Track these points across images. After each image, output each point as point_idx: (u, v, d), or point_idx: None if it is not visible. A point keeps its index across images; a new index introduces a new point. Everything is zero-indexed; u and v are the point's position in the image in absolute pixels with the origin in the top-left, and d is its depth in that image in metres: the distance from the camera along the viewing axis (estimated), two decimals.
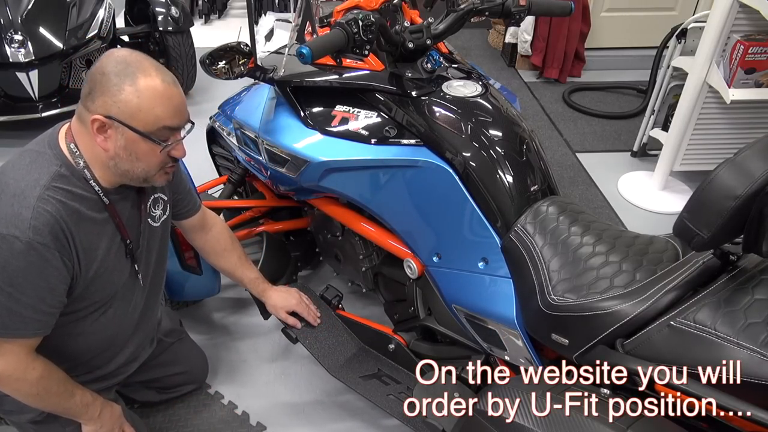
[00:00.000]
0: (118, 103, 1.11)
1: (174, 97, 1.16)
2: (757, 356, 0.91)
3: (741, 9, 2.27)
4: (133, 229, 1.33)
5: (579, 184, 2.91)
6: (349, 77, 1.54)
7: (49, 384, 1.24)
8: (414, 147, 1.44)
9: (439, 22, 1.50)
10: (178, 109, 1.17)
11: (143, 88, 1.11)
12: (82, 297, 1.25)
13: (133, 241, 1.31)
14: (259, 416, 1.77)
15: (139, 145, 1.15)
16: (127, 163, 1.18)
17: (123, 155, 1.16)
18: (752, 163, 0.91)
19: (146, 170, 1.21)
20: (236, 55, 1.80)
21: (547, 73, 3.87)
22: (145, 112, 1.12)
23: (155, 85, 1.12)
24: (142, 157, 1.17)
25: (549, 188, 1.43)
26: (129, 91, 1.10)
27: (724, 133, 2.65)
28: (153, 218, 1.39)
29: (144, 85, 1.11)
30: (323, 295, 1.82)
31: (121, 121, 1.12)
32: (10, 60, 2.77)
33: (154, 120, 1.13)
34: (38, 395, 1.23)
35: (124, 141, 1.14)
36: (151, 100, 1.12)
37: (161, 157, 1.20)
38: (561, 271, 1.23)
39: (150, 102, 1.12)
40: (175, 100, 1.16)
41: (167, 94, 1.14)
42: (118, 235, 1.27)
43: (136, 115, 1.12)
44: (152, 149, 1.17)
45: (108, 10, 3.17)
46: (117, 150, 1.16)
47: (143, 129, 1.13)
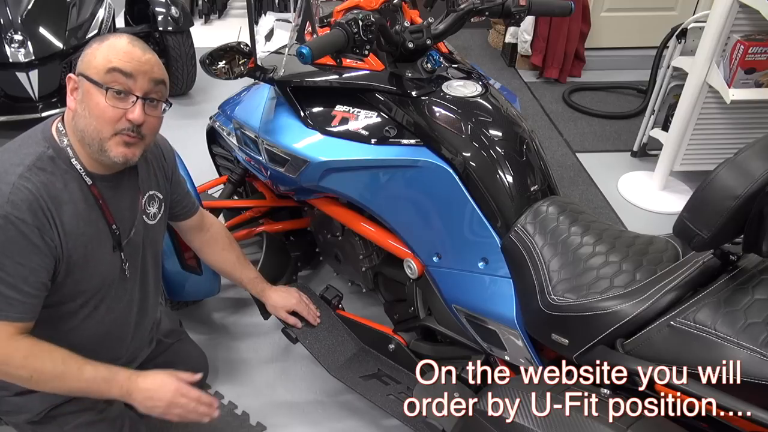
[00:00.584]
0: (83, 58, 1.16)
1: (135, 51, 1.16)
2: (757, 356, 0.91)
3: (741, 9, 2.27)
4: (125, 222, 1.30)
5: (579, 184, 2.91)
6: (349, 77, 1.54)
7: (41, 364, 1.16)
8: (414, 147, 1.44)
9: (439, 22, 1.50)
10: (135, 60, 1.16)
11: (106, 42, 1.16)
12: (66, 285, 1.22)
13: (121, 233, 1.29)
14: (259, 416, 1.77)
15: (92, 96, 1.15)
16: (83, 120, 1.17)
17: (80, 110, 1.17)
18: (752, 163, 0.91)
19: (98, 128, 1.16)
20: (236, 55, 1.80)
21: (547, 73, 3.87)
22: (99, 58, 1.15)
23: (119, 41, 1.17)
24: (93, 109, 1.15)
25: (549, 188, 1.43)
26: (95, 46, 1.16)
27: (724, 133, 2.65)
28: (148, 215, 1.38)
29: (109, 41, 1.17)
30: (323, 295, 1.82)
31: (82, 73, 1.16)
32: (10, 60, 2.77)
33: (104, 63, 1.14)
34: (32, 378, 1.17)
35: (82, 93, 1.16)
36: (108, 48, 1.16)
37: (112, 111, 1.15)
38: (561, 271, 1.23)
39: (106, 50, 1.15)
40: (134, 53, 1.16)
41: (127, 48, 1.16)
42: (103, 221, 1.25)
43: (91, 62, 1.15)
44: (102, 99, 1.14)
45: (108, 10, 3.17)
46: (77, 106, 1.17)
47: (95, 76, 1.15)
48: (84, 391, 1.23)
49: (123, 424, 1.47)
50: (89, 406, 1.40)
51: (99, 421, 1.41)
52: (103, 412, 1.42)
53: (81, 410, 1.39)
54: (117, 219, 1.28)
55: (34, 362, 1.16)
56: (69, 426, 1.37)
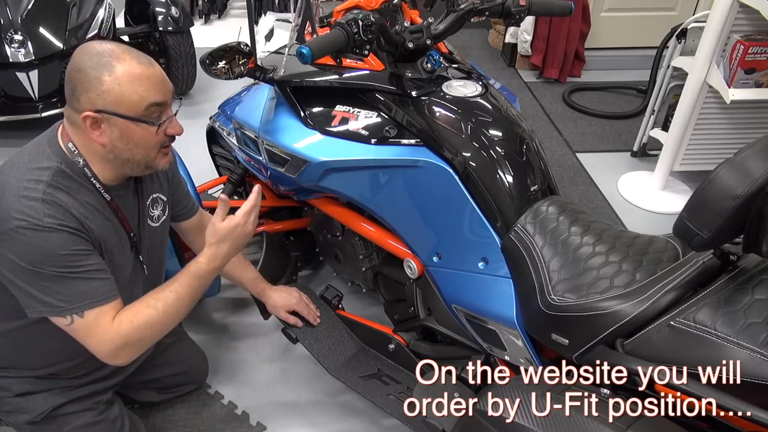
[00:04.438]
0: (102, 95, 1.12)
1: (152, 75, 1.17)
2: (757, 356, 0.91)
3: (741, 9, 2.27)
4: (134, 227, 1.34)
5: (579, 184, 2.91)
6: (349, 77, 1.54)
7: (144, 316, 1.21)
8: (414, 147, 1.44)
9: (439, 22, 1.50)
10: (159, 85, 1.18)
11: (121, 74, 1.13)
12: None
13: (136, 234, 1.33)
14: (259, 416, 1.77)
15: (133, 131, 1.17)
16: (126, 152, 1.19)
17: (120, 145, 1.18)
18: (752, 163, 0.91)
19: (146, 155, 1.22)
20: (236, 55, 1.80)
21: (547, 73, 3.87)
22: (129, 95, 1.14)
23: (131, 68, 1.14)
24: (139, 141, 1.19)
25: (549, 188, 1.43)
26: (108, 81, 1.12)
27: (724, 133, 2.65)
28: (152, 218, 1.40)
29: (121, 71, 1.13)
30: (323, 295, 1.82)
31: (110, 112, 1.14)
32: (10, 60, 2.77)
33: (139, 100, 1.15)
34: (150, 332, 1.22)
35: (118, 131, 1.16)
36: (132, 83, 1.13)
37: (158, 137, 1.21)
38: (561, 271, 1.23)
39: (131, 85, 1.13)
40: (153, 78, 1.17)
41: (145, 74, 1.15)
42: (121, 228, 1.29)
43: (122, 101, 1.14)
44: (147, 131, 1.18)
45: (108, 10, 3.17)
46: (113, 141, 1.17)
47: (132, 113, 1.15)
48: (193, 297, 1.28)
49: (123, 424, 1.47)
50: (90, 407, 1.40)
51: (99, 422, 1.42)
52: (103, 413, 1.43)
53: (81, 411, 1.39)
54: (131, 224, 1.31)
55: (140, 317, 1.21)
56: (69, 427, 1.37)
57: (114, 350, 1.19)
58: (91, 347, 1.20)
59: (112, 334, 1.18)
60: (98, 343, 1.18)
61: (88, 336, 1.18)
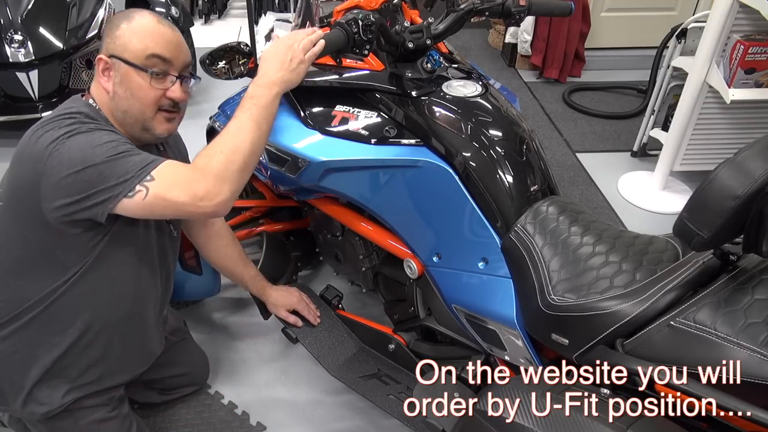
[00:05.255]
0: (114, 40, 1.20)
1: (165, 33, 1.23)
2: (757, 356, 0.91)
3: (741, 9, 2.27)
4: None
5: (579, 184, 2.91)
6: (349, 77, 1.54)
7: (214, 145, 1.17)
8: (414, 147, 1.44)
9: (439, 22, 1.50)
10: (170, 43, 1.23)
11: (136, 24, 1.21)
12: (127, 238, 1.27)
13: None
14: (259, 416, 1.77)
15: (132, 79, 1.20)
16: (125, 101, 1.22)
17: (120, 92, 1.22)
18: (752, 163, 0.91)
19: (141, 109, 1.23)
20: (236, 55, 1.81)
21: (547, 73, 3.87)
22: (135, 43, 1.19)
23: (147, 21, 1.21)
24: (136, 91, 1.21)
25: (549, 188, 1.43)
26: (123, 27, 1.20)
27: (724, 133, 2.65)
28: None
29: (138, 21, 1.21)
30: (323, 295, 1.82)
31: (116, 55, 1.19)
32: (10, 60, 2.77)
33: (143, 48, 1.20)
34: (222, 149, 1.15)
35: (120, 76, 1.21)
36: (142, 31, 1.20)
37: (154, 92, 1.22)
38: (561, 271, 1.23)
39: (140, 33, 1.20)
40: (165, 35, 1.22)
41: (158, 29, 1.22)
42: None
43: (128, 46, 1.19)
44: (144, 82, 1.21)
45: (108, 10, 3.17)
46: (115, 87, 1.22)
47: (133, 60, 1.19)
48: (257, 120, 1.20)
49: (132, 422, 1.48)
50: (104, 402, 1.41)
51: (112, 417, 1.43)
52: (116, 409, 1.44)
53: (97, 405, 1.40)
54: None
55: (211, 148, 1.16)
56: (84, 421, 1.38)
57: (202, 184, 1.12)
58: (180, 198, 1.11)
59: (191, 173, 1.13)
60: (185, 188, 1.11)
61: (170, 190, 1.11)
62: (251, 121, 1.19)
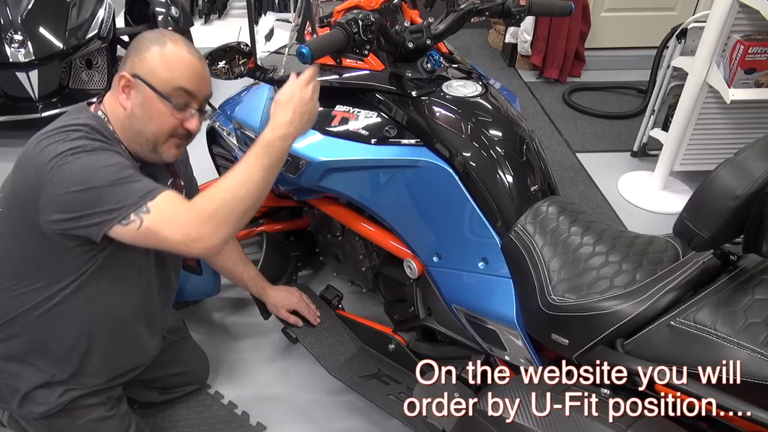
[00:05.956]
0: (143, 61, 1.19)
1: (195, 65, 1.23)
2: (757, 356, 0.91)
3: (741, 9, 2.27)
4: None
5: (579, 184, 2.91)
6: (349, 77, 1.54)
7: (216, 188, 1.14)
8: (414, 147, 1.44)
9: (439, 22, 1.50)
10: (197, 77, 1.24)
11: (168, 52, 1.20)
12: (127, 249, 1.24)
13: None
14: (259, 416, 1.77)
15: (154, 104, 1.21)
16: (140, 123, 1.23)
17: (138, 113, 1.22)
18: (752, 163, 0.91)
19: (156, 134, 1.24)
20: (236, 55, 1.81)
21: (547, 73, 3.87)
22: (165, 71, 1.19)
23: (179, 51, 1.21)
24: (155, 117, 1.22)
25: (549, 188, 1.43)
26: (155, 51, 1.19)
27: (724, 133, 2.65)
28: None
29: (170, 49, 1.20)
30: (323, 295, 1.82)
31: (142, 78, 1.19)
32: (10, 60, 2.76)
33: (171, 79, 1.20)
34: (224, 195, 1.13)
35: (142, 98, 1.21)
36: (173, 62, 1.20)
37: (173, 121, 1.24)
38: (561, 271, 1.23)
39: (171, 63, 1.20)
40: (195, 68, 1.23)
41: (190, 62, 1.22)
42: None
43: (156, 73, 1.19)
44: (165, 110, 1.22)
45: (108, 10, 3.16)
46: (134, 108, 1.22)
47: (160, 88, 1.20)
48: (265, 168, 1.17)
49: (130, 421, 1.48)
50: (102, 402, 1.41)
51: (110, 417, 1.43)
52: (114, 408, 1.44)
53: (95, 405, 1.40)
54: None
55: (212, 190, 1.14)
56: (82, 420, 1.38)
57: (197, 226, 1.10)
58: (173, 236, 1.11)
59: (189, 212, 1.11)
60: (179, 227, 1.10)
61: (164, 226, 1.10)
62: (263, 171, 1.16)
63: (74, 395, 1.36)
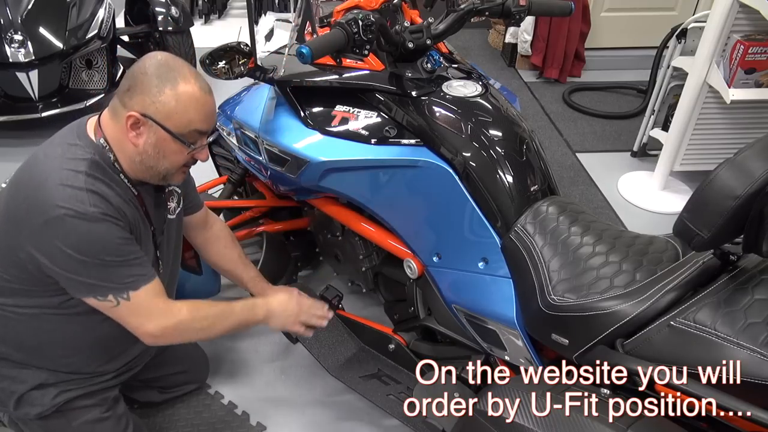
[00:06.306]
0: (156, 104, 1.17)
1: (208, 104, 1.23)
2: (757, 356, 0.91)
3: (741, 9, 2.27)
4: (155, 220, 1.37)
5: (579, 184, 2.91)
6: (349, 77, 1.54)
7: (205, 311, 1.32)
8: (414, 147, 1.44)
9: (439, 22, 1.50)
10: (210, 116, 1.25)
11: (182, 93, 1.18)
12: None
13: (156, 229, 1.37)
14: (259, 416, 1.77)
15: (168, 145, 1.22)
16: (153, 160, 1.24)
17: (151, 152, 1.22)
18: (752, 163, 0.91)
19: (168, 168, 1.27)
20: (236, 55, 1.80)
21: (547, 73, 3.87)
22: (181, 114, 1.19)
23: (193, 91, 1.19)
24: (169, 155, 1.24)
25: (549, 188, 1.43)
26: (169, 94, 1.17)
27: (724, 133, 2.65)
28: (169, 210, 1.42)
29: (183, 90, 1.18)
30: (323, 295, 1.81)
31: (157, 121, 1.18)
32: (10, 60, 2.76)
33: (187, 123, 1.20)
34: (204, 327, 1.32)
35: (155, 139, 1.20)
36: (188, 104, 1.19)
37: (187, 157, 1.27)
38: (561, 271, 1.23)
39: (186, 106, 1.19)
40: (208, 107, 1.23)
41: (203, 100, 1.21)
42: (145, 223, 1.32)
43: (172, 117, 1.18)
44: (180, 149, 1.24)
45: (108, 10, 3.16)
46: (146, 147, 1.21)
47: (175, 130, 1.20)
48: (241, 323, 1.39)
49: (128, 422, 1.48)
50: (98, 403, 1.41)
51: (107, 418, 1.43)
52: (110, 409, 1.44)
53: (91, 406, 1.40)
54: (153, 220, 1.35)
55: (200, 312, 1.31)
56: (78, 421, 1.38)
57: (163, 329, 1.25)
58: (140, 324, 1.24)
59: (168, 314, 1.25)
60: (147, 322, 1.23)
61: (135, 317, 1.23)
62: (238, 324, 1.38)
63: (69, 396, 1.36)
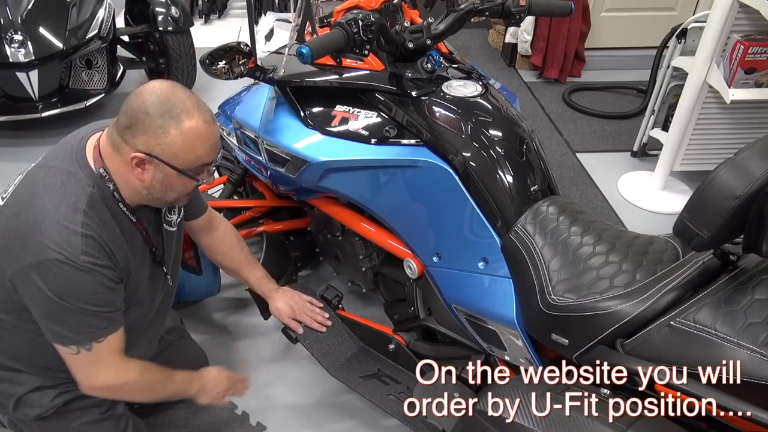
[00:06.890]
0: (162, 144, 1.15)
1: (212, 136, 1.21)
2: (757, 356, 0.92)
3: (741, 9, 2.27)
4: (156, 239, 1.37)
5: (579, 184, 2.91)
6: (349, 77, 1.54)
7: (151, 376, 1.35)
8: (414, 147, 1.44)
9: (439, 22, 1.50)
10: (215, 148, 1.23)
11: (187, 131, 1.15)
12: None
13: (157, 248, 1.37)
14: (259, 416, 1.77)
15: (175, 180, 1.21)
16: (160, 193, 1.24)
17: (158, 187, 1.22)
18: (752, 163, 0.92)
19: (176, 198, 1.28)
20: (236, 55, 1.80)
21: (547, 73, 3.87)
22: (187, 153, 1.17)
23: (197, 126, 1.16)
24: (177, 188, 1.24)
25: (549, 188, 1.43)
26: (174, 134, 1.14)
27: (724, 133, 2.65)
28: (169, 223, 1.42)
29: (188, 127, 1.15)
30: (323, 295, 1.81)
31: (163, 161, 1.17)
32: (10, 60, 2.76)
33: (194, 159, 1.19)
34: (144, 390, 1.36)
35: (162, 176, 1.20)
36: (194, 142, 1.17)
37: (193, 187, 1.27)
38: (561, 271, 1.23)
39: (193, 144, 1.17)
40: (212, 140, 1.22)
41: (207, 134, 1.19)
42: (145, 246, 1.33)
43: (179, 156, 1.17)
44: (187, 183, 1.24)
45: (108, 10, 3.16)
46: (153, 182, 1.21)
47: (183, 167, 1.19)
48: (176, 393, 1.44)
49: (127, 423, 1.48)
50: (97, 404, 1.41)
51: (105, 419, 1.43)
52: (109, 410, 1.44)
53: (89, 407, 1.40)
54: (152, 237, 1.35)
55: (147, 375, 1.35)
56: (77, 423, 1.38)
57: (110, 385, 1.29)
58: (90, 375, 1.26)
59: (120, 372, 1.28)
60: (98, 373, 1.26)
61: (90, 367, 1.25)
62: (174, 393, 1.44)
63: (67, 398, 1.36)
